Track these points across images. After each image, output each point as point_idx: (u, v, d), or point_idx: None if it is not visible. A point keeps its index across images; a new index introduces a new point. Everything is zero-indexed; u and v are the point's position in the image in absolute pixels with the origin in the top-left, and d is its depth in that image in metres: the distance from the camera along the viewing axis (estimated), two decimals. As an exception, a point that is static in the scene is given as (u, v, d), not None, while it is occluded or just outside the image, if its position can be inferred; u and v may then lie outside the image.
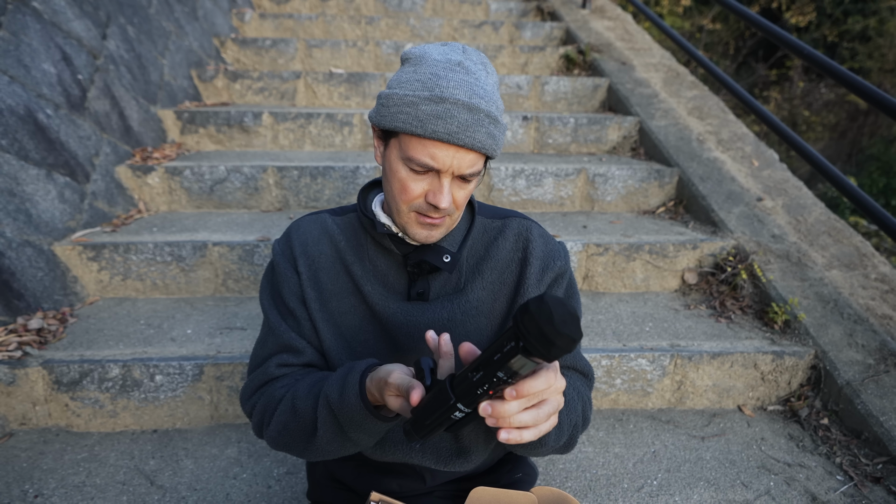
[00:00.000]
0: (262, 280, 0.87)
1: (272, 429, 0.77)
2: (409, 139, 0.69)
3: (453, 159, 0.69)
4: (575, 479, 1.31)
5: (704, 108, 2.86)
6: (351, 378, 0.68)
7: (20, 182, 1.66)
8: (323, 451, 0.74)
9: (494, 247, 0.83)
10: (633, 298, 1.92)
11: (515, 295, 0.81)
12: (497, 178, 2.27)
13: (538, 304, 0.44)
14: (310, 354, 0.82)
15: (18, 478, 1.24)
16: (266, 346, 0.83)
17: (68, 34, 2.07)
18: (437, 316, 0.80)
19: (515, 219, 0.85)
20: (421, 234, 0.75)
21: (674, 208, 2.34)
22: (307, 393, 0.74)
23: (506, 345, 0.47)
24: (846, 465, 1.36)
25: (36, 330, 1.50)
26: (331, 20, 3.65)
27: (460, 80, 0.68)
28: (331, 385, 0.70)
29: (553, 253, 0.83)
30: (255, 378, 0.83)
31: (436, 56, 0.71)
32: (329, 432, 0.71)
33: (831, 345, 1.59)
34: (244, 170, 2.16)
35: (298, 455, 0.78)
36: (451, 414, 0.55)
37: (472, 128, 0.67)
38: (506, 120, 2.68)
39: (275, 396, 0.78)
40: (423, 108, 0.67)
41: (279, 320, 0.82)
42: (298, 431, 0.74)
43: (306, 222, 0.85)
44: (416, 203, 0.72)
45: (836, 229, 2.05)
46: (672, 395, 1.59)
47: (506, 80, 3.04)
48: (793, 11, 9.80)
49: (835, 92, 10.41)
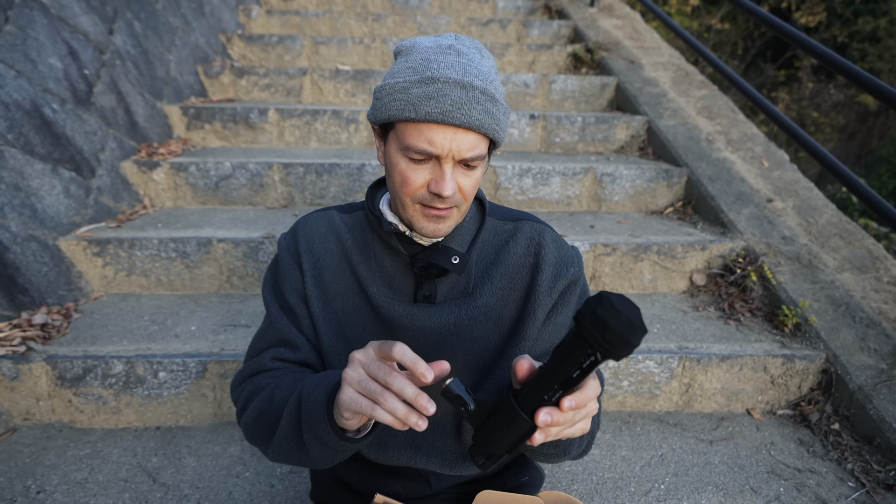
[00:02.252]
0: (265, 273, 0.87)
1: (248, 415, 0.76)
2: (404, 127, 0.67)
3: (451, 142, 0.66)
4: (581, 482, 1.29)
5: (714, 108, 2.83)
6: (333, 375, 0.66)
7: (26, 176, 1.66)
8: (282, 448, 0.71)
9: (505, 251, 0.80)
10: (641, 299, 1.90)
11: (526, 302, 0.79)
12: (504, 176, 2.25)
13: (614, 315, 0.43)
14: (307, 351, 0.80)
15: (21, 473, 1.24)
16: (265, 338, 0.82)
17: (75, 29, 2.06)
18: (444, 320, 0.77)
19: (528, 222, 0.82)
20: (428, 228, 0.72)
21: (682, 209, 2.31)
22: (290, 384, 0.72)
23: (584, 360, 0.47)
24: (858, 471, 1.34)
25: (40, 325, 1.50)
26: (337, 17, 3.64)
27: (451, 60, 0.66)
28: (311, 380, 0.68)
29: (566, 259, 0.80)
30: (248, 367, 0.82)
31: (426, 44, 0.70)
32: (288, 429, 0.69)
33: (843, 349, 1.57)
34: (250, 166, 2.16)
35: (267, 452, 0.74)
36: (528, 436, 0.52)
37: (466, 105, 0.65)
38: (512, 117, 2.66)
39: (260, 384, 0.77)
40: (414, 92, 0.65)
41: (280, 314, 0.81)
42: (267, 422, 0.73)
43: (314, 219, 0.84)
44: (419, 194, 0.69)
45: (848, 231, 2.02)
46: (680, 397, 1.57)
47: (513, 79, 3.02)
48: (802, 11, 9.71)
49: (844, 93, 10.32)
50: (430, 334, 0.78)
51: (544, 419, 0.51)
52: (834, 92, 10.49)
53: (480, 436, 0.55)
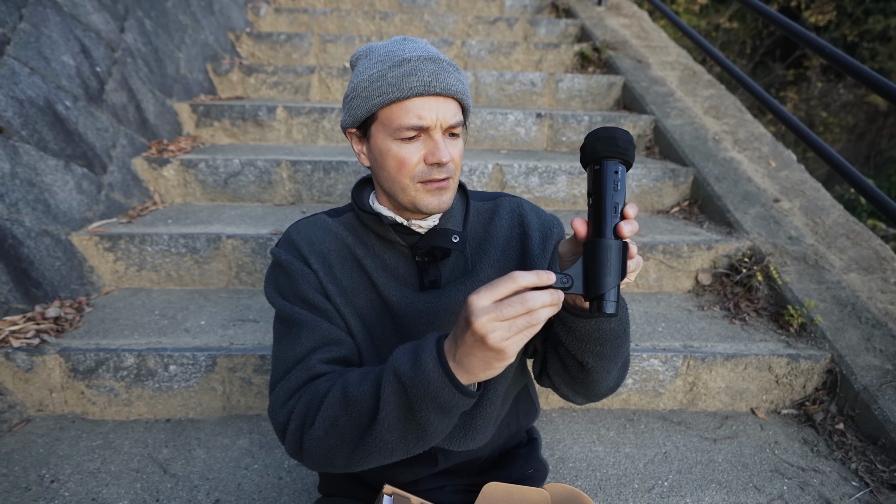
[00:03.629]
0: (266, 288, 0.82)
1: (317, 428, 0.67)
2: (389, 111, 0.72)
3: (437, 111, 0.72)
4: (585, 477, 1.30)
5: (721, 108, 2.82)
6: (425, 345, 0.61)
7: (39, 172, 1.68)
8: (377, 447, 0.65)
9: (492, 226, 0.86)
10: (646, 298, 1.90)
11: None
12: (510, 174, 2.26)
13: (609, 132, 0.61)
14: (350, 345, 0.77)
15: (35, 463, 1.26)
16: (297, 346, 0.75)
17: (87, 27, 2.09)
18: (453, 299, 0.81)
19: (505, 198, 0.89)
20: (433, 203, 0.75)
21: (688, 208, 2.31)
22: (361, 379, 0.66)
23: (617, 176, 0.61)
24: (862, 471, 1.34)
25: (53, 318, 1.52)
26: (345, 15, 3.65)
27: (412, 46, 0.74)
28: (398, 359, 0.62)
29: (548, 222, 0.87)
30: (291, 378, 0.73)
31: (380, 44, 0.77)
32: (393, 415, 0.62)
33: (848, 349, 1.57)
34: (258, 163, 2.18)
35: (343, 463, 0.68)
36: (626, 252, 0.61)
37: (441, 74, 0.72)
38: (519, 115, 2.67)
39: (319, 391, 0.69)
40: (392, 75, 0.71)
41: (310, 315, 0.76)
42: (350, 426, 0.65)
43: (305, 224, 0.84)
44: (418, 171, 0.73)
45: (855, 232, 2.01)
46: (684, 396, 1.58)
47: (520, 77, 3.03)
48: (812, 10, 9.63)
49: (854, 93, 10.23)
50: (444, 315, 0.80)
51: (627, 227, 0.59)
52: (843, 92, 10.40)
53: (591, 287, 0.60)
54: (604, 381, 0.78)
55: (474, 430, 0.82)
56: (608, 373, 0.77)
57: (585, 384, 0.79)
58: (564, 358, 0.78)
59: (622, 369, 0.81)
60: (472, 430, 0.82)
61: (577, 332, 0.72)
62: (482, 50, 3.37)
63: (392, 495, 0.78)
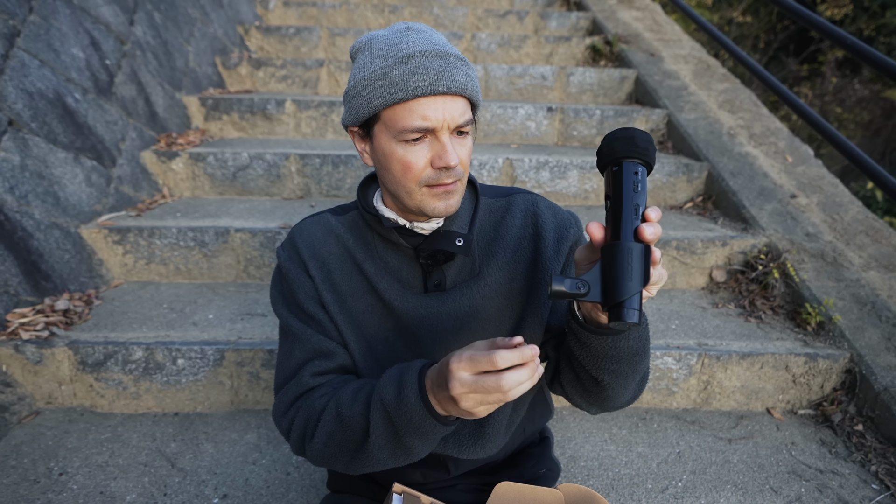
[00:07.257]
0: (271, 290, 0.83)
1: (317, 441, 0.71)
2: (393, 112, 0.67)
3: (444, 111, 0.66)
4: (597, 477, 1.28)
5: (736, 102, 2.77)
6: (408, 377, 0.63)
7: (49, 165, 1.68)
8: (371, 461, 0.69)
9: (503, 226, 0.81)
10: (659, 295, 1.87)
11: (534, 271, 0.79)
12: (521, 169, 2.23)
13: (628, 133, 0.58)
14: (342, 356, 0.78)
15: (44, 455, 1.26)
16: (293, 356, 0.78)
17: (97, 19, 2.08)
18: (458, 304, 0.77)
19: (519, 195, 0.83)
20: (440, 207, 0.71)
21: (702, 204, 2.27)
22: (352, 399, 0.69)
23: (637, 177, 0.57)
24: (882, 473, 1.31)
25: (62, 311, 1.52)
26: (354, 8, 3.63)
27: (416, 38, 0.68)
28: (384, 386, 0.65)
29: (565, 222, 0.81)
30: (288, 391, 0.77)
31: (383, 34, 0.71)
32: (382, 438, 0.66)
33: (868, 348, 1.53)
34: (267, 157, 2.16)
35: (343, 468, 0.72)
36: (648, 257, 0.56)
37: (448, 71, 0.66)
38: (530, 109, 2.64)
39: (315, 407, 0.73)
40: (394, 73, 0.65)
41: (303, 327, 0.78)
42: (346, 441, 0.69)
43: (308, 224, 0.82)
44: (424, 176, 0.69)
45: (875, 229, 1.96)
46: (698, 395, 1.55)
47: (530, 71, 2.99)
48: (828, 4, 9.46)
49: (869, 88, 10.04)
50: (447, 320, 0.77)
51: (649, 230, 0.55)
52: (859, 87, 10.21)
53: (610, 294, 0.55)
54: (620, 396, 0.74)
55: (484, 440, 0.80)
56: (625, 388, 0.73)
57: (600, 398, 0.75)
58: (578, 371, 0.74)
59: (640, 383, 0.77)
60: (481, 440, 0.80)
61: (591, 349, 0.68)
62: (492, 43, 3.33)
63: (402, 494, 0.76)
